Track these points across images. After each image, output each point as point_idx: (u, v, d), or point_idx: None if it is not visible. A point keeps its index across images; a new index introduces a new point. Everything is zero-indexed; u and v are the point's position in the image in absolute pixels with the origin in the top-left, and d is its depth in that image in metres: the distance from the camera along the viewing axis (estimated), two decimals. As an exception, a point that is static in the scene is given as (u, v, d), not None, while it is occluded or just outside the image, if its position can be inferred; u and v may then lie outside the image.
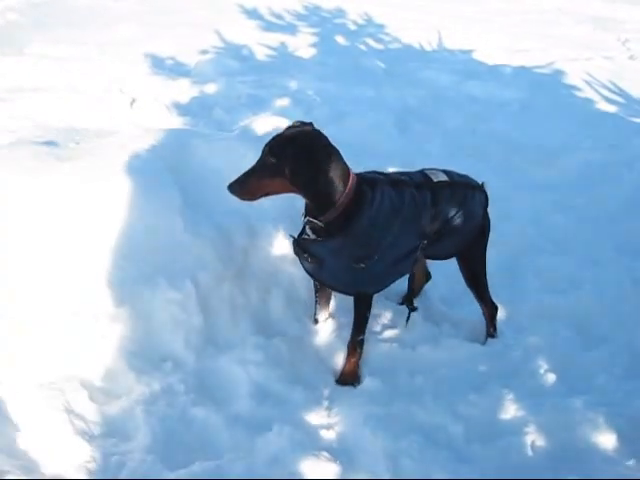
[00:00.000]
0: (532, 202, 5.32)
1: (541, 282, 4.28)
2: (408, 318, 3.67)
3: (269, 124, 4.20)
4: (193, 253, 3.49)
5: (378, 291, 3.45)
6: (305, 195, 3.14)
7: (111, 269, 3.34)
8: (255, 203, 3.18)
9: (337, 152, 3.10)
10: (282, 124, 4.31)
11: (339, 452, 2.88)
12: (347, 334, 3.41)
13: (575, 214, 5.15)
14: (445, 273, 4.04)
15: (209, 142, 4.01)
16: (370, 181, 3.24)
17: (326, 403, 3.19)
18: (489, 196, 3.63)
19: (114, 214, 3.39)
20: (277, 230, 3.86)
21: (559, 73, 8.85)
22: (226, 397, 3.17)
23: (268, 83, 7.29)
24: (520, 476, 2.86)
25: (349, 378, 3.36)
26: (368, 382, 3.30)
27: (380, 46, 10.15)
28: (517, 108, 7.54)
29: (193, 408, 3.08)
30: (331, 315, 3.72)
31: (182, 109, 6.41)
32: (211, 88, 6.98)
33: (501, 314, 3.79)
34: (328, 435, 3.01)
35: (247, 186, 3.09)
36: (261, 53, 8.81)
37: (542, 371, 3.47)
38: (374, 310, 3.69)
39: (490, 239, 3.68)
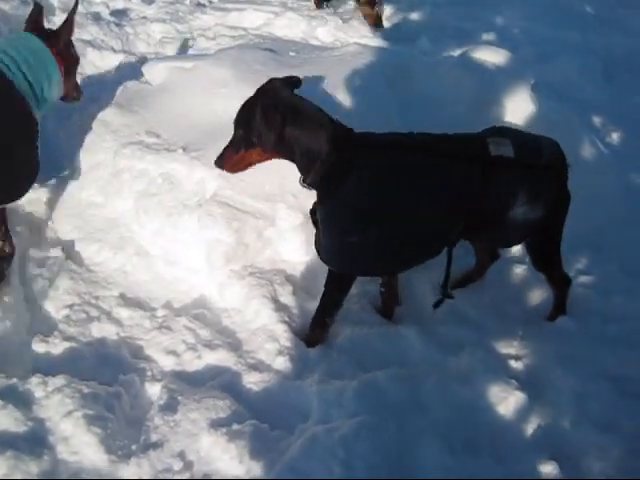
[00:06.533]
0: None
1: None
2: (438, 304, 3.09)
3: (489, 53, 4.16)
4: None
5: (373, 275, 3.13)
6: (286, 159, 2.85)
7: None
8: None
9: (306, 108, 2.76)
10: (499, 56, 4.27)
11: (527, 383, 2.92)
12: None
13: None
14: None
15: (429, 66, 4.03)
16: (370, 141, 2.80)
17: (519, 335, 3.23)
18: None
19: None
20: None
21: None
22: (423, 315, 3.28)
23: (474, 16, 7.11)
24: None
25: (309, 344, 3.09)
26: (562, 322, 3.30)
27: (589, -11, 9.61)
28: None
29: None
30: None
31: (385, 34, 6.38)
32: (416, 16, 6.92)
33: None
34: (517, 365, 3.06)
35: (229, 160, 2.88)
36: (467, -16, 8.57)
37: None
38: (571, 256, 3.66)
39: None
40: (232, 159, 2.88)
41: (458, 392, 2.85)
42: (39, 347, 3.00)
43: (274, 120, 2.67)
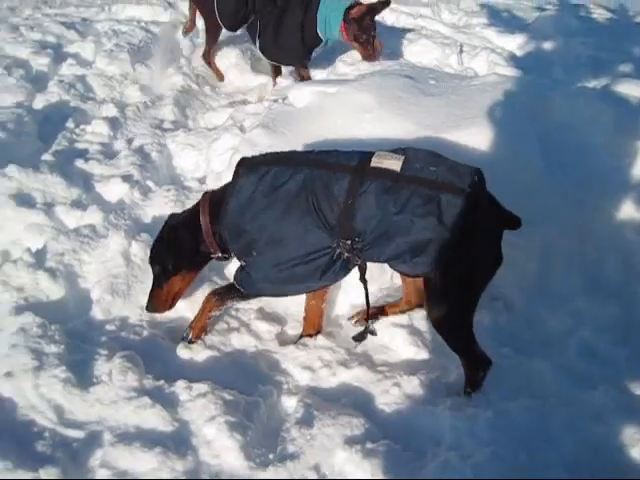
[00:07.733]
0: None
1: None
2: (360, 338, 3.16)
3: (632, 87, 4.09)
4: (543, 203, 3.53)
5: (273, 295, 3.24)
6: (201, 267, 3.32)
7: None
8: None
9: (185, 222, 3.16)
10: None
11: (663, 427, 2.85)
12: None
13: None
14: None
15: (569, 97, 4.01)
16: (247, 164, 2.98)
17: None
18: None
19: (477, 153, 3.54)
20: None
21: None
22: (557, 348, 3.27)
23: (608, 46, 6.97)
24: None
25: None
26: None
27: None
28: None
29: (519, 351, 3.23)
30: None
31: (518, 62, 6.36)
32: (549, 45, 6.85)
33: None
34: (652, 406, 2.99)
35: (158, 300, 3.22)
36: (597, 14, 8.40)
37: None
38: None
39: None
40: (160, 296, 3.21)
41: (589, 428, 2.83)
42: (183, 353, 3.18)
43: (173, 243, 3.14)
